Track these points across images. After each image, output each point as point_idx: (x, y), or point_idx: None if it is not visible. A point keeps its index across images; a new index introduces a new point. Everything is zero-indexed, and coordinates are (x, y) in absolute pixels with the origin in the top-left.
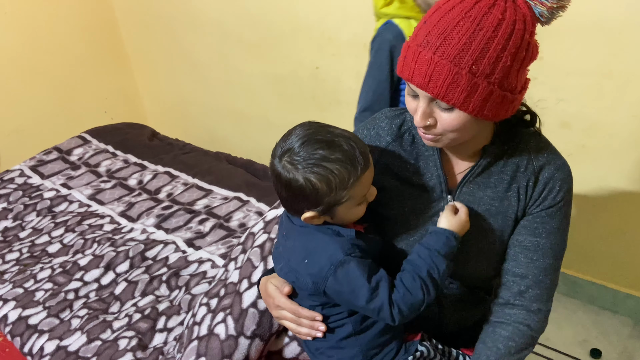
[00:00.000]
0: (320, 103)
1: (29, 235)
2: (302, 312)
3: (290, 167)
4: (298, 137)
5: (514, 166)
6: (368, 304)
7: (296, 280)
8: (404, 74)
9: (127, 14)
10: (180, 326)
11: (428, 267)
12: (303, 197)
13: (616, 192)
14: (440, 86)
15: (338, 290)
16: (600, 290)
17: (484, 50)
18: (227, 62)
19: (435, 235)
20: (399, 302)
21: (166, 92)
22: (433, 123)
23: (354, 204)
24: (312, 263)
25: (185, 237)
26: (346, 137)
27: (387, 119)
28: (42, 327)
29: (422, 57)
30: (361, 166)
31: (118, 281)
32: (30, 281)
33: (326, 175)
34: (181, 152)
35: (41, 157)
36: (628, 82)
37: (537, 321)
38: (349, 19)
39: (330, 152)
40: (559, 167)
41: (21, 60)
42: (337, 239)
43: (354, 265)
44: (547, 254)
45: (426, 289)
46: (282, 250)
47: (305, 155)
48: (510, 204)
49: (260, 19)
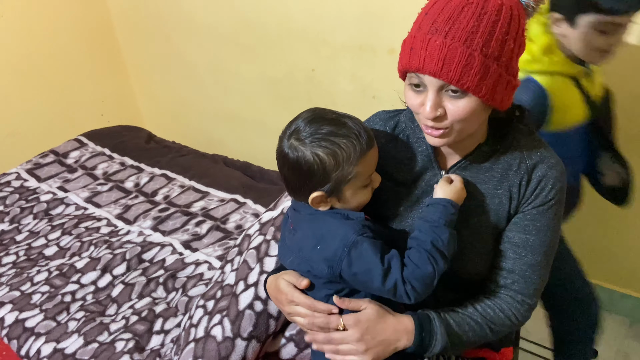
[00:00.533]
0: (316, 105)
1: (26, 238)
2: (318, 306)
3: (298, 143)
4: (303, 119)
5: (505, 164)
6: (383, 285)
7: (311, 269)
8: (413, 64)
9: (123, 18)
10: (177, 328)
11: (431, 239)
12: (311, 174)
13: None
14: (455, 70)
15: (353, 272)
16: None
17: (492, 33)
18: (222, 65)
19: (433, 206)
20: (409, 278)
21: (162, 95)
22: (443, 113)
23: (360, 184)
24: (325, 247)
25: (182, 239)
26: (351, 117)
27: (382, 121)
28: (38, 329)
29: (432, 43)
30: (367, 142)
31: (115, 283)
32: (27, 284)
33: (333, 149)
34: (178, 154)
35: (38, 160)
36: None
37: (520, 310)
38: (344, 21)
39: (337, 128)
40: (552, 165)
41: (18, 63)
42: (347, 222)
43: (366, 245)
44: (536, 251)
45: (434, 260)
46: (289, 244)
47: (312, 131)
48: (502, 202)
49: (256, 21)
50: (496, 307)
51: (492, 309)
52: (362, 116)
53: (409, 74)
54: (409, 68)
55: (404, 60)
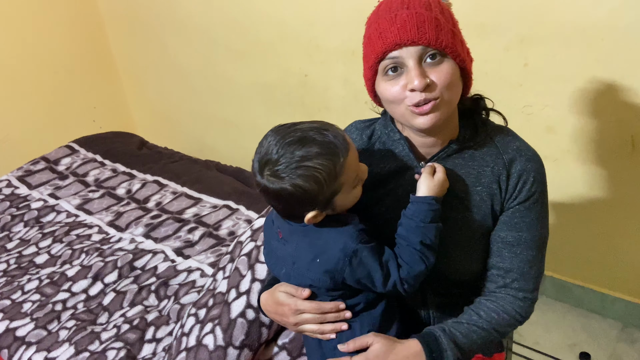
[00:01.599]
0: (309, 110)
1: (17, 247)
2: (325, 306)
3: (274, 178)
4: (270, 147)
5: (481, 161)
6: (384, 287)
7: (311, 282)
8: (388, 41)
9: (115, 23)
10: (169, 337)
11: (420, 238)
12: (298, 202)
13: (602, 196)
14: (430, 31)
15: (356, 279)
16: (589, 293)
17: (436, 3)
18: (215, 70)
19: (417, 204)
20: (406, 278)
21: (155, 100)
22: (430, 82)
23: (349, 188)
24: (325, 260)
25: (174, 246)
26: (316, 128)
27: (358, 130)
28: (29, 339)
29: (400, 17)
30: (342, 150)
31: (106, 291)
32: (17, 292)
33: (312, 174)
34: (170, 160)
35: (28, 167)
36: (611, 87)
37: (523, 307)
38: (336, 26)
39: (307, 150)
40: (530, 158)
41: (8, 69)
42: (344, 230)
43: (366, 252)
44: (529, 246)
45: (425, 257)
46: (280, 255)
47: (285, 162)
48: (482, 199)
49: (248, 26)
50: (499, 310)
51: (495, 312)
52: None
53: (383, 62)
54: (385, 48)
55: (377, 46)
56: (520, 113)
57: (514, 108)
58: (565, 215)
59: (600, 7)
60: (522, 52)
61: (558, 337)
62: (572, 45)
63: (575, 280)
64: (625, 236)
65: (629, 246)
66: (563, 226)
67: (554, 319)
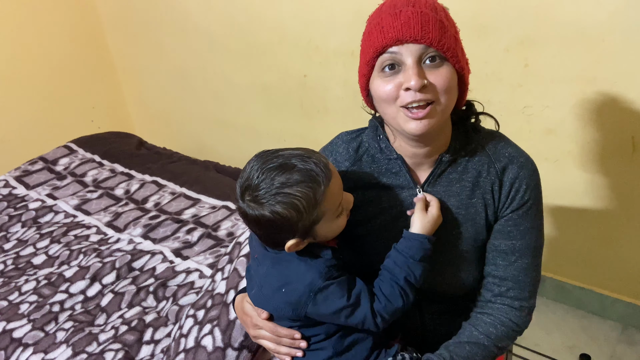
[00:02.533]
0: (308, 111)
1: (14, 247)
2: (281, 331)
3: (254, 204)
4: (251, 171)
5: (475, 172)
6: (350, 320)
7: (272, 311)
8: (389, 37)
9: (113, 23)
10: (168, 338)
11: (405, 275)
12: (277, 229)
13: (602, 197)
14: (433, 32)
15: (319, 314)
16: (589, 295)
17: (442, 8)
18: (214, 71)
19: (410, 241)
20: (381, 311)
21: (154, 101)
22: (428, 84)
23: (332, 217)
24: (290, 292)
25: (172, 247)
26: (298, 155)
27: (344, 143)
28: (26, 340)
29: (404, 14)
30: (323, 179)
31: (104, 292)
32: (14, 293)
33: (291, 202)
34: (169, 161)
35: (26, 168)
36: (611, 88)
37: (520, 317)
38: (335, 28)
39: (287, 177)
40: (522, 164)
41: (6, 69)
42: (314, 264)
43: (332, 288)
44: (524, 254)
45: (405, 295)
46: (253, 274)
47: (265, 188)
48: (477, 211)
49: (248, 28)
50: (497, 323)
51: (493, 326)
52: (353, 121)
53: (381, 58)
54: (385, 44)
55: (377, 40)
56: (521, 114)
57: (514, 109)
58: (565, 217)
59: (601, 9)
60: (522, 53)
61: (558, 338)
62: (572, 46)
63: (575, 282)
64: (626, 237)
65: (629, 247)
66: (563, 228)
67: (553, 320)
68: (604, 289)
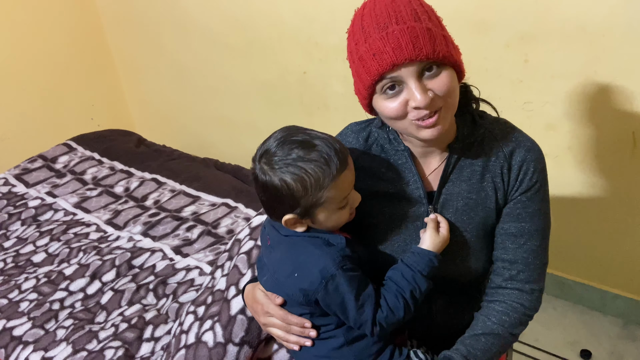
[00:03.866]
0: (308, 108)
1: (14, 245)
2: (291, 319)
3: (267, 168)
4: (275, 140)
5: (484, 156)
6: (350, 320)
7: (285, 296)
8: (385, 63)
9: (113, 20)
10: (168, 335)
11: (411, 288)
12: (280, 198)
13: (603, 193)
14: (425, 44)
15: (328, 303)
16: (589, 290)
17: (423, 9)
18: (214, 68)
19: (419, 256)
20: (381, 321)
21: (153, 98)
22: (433, 95)
23: (334, 207)
24: (302, 277)
25: (172, 245)
26: (323, 138)
27: (354, 133)
28: (26, 338)
29: (391, 35)
30: (337, 167)
31: (104, 290)
32: (14, 291)
33: (300, 175)
34: (168, 158)
35: (26, 165)
36: (611, 84)
37: (531, 300)
38: (335, 24)
39: (306, 153)
40: (529, 148)
41: (6, 67)
42: (328, 251)
43: (344, 280)
44: (533, 236)
45: (408, 308)
46: (266, 262)
47: (281, 156)
48: (487, 195)
49: (247, 24)
50: (509, 310)
51: (505, 314)
52: (353, 118)
53: (381, 83)
54: (383, 70)
55: (372, 68)
56: (521, 110)
57: (514, 105)
58: (566, 213)
59: (601, 4)
60: (522, 49)
61: (559, 334)
62: (572, 42)
63: (576, 278)
64: (626, 233)
65: (630, 243)
66: (564, 223)
67: (554, 316)
68: (605, 285)
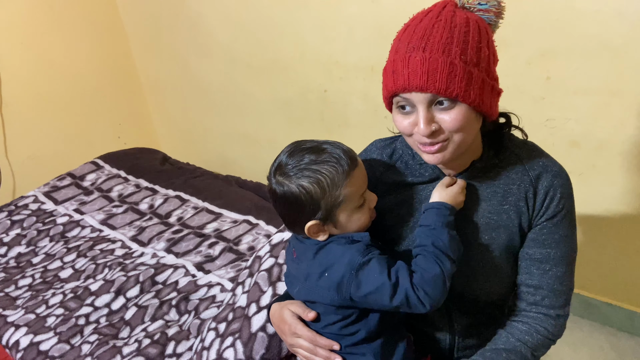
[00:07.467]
0: (329, 125)
1: (42, 261)
2: (319, 341)
3: (282, 179)
4: (285, 153)
5: (507, 179)
6: (393, 299)
7: (319, 299)
8: (398, 85)
9: (140, 44)
10: (189, 351)
11: (432, 241)
12: (300, 206)
13: (629, 211)
14: (440, 80)
15: (363, 293)
16: (616, 311)
17: (466, 41)
18: (236, 87)
19: (427, 212)
20: (420, 283)
21: (178, 117)
22: (437, 128)
23: (353, 206)
24: (332, 274)
25: (195, 261)
26: (330, 142)
27: (378, 149)
28: (53, 353)
29: (413, 60)
30: (348, 164)
31: (128, 306)
32: (42, 307)
33: (316, 177)
34: (192, 176)
35: (55, 183)
36: (635, 100)
37: (555, 325)
38: (355, 43)
39: (317, 156)
40: (557, 174)
41: (37, 88)
42: (353, 246)
43: (373, 263)
44: (558, 263)
45: (439, 261)
46: (294, 273)
47: (294, 163)
48: (510, 218)
49: (269, 44)
50: (532, 331)
51: (529, 334)
52: (374, 135)
53: (396, 98)
54: (395, 90)
55: (389, 84)
56: (543, 127)
57: (537, 122)
58: (592, 232)
59: (623, 20)
60: (544, 66)
61: (585, 356)
62: (594, 57)
63: (603, 298)
64: (630, 247)
65: (630, 257)
66: (589, 242)
67: (581, 337)
68: (633, 305)
